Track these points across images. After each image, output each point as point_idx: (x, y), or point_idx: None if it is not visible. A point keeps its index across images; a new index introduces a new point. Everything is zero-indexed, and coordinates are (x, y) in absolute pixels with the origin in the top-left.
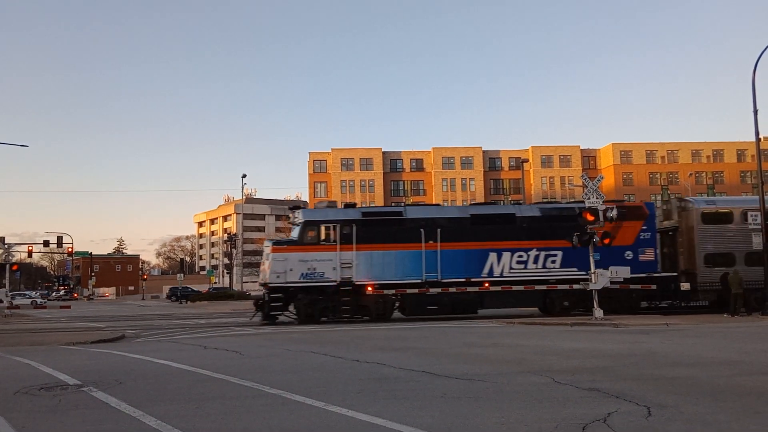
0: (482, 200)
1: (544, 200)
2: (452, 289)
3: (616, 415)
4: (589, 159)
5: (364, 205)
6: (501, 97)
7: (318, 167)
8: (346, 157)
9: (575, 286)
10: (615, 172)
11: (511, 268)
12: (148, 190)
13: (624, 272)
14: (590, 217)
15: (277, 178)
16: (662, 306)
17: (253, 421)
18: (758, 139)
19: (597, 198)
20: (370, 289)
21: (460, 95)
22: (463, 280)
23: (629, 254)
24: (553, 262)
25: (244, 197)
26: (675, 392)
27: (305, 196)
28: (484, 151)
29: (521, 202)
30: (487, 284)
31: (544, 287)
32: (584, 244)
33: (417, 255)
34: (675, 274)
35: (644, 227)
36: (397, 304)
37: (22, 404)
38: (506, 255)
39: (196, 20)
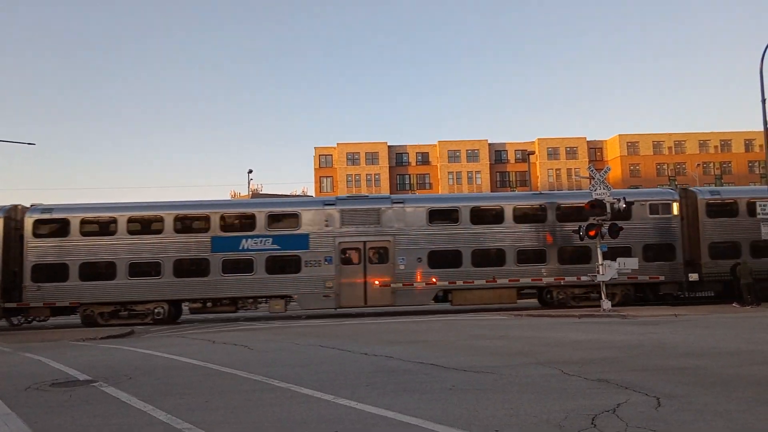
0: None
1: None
2: None
3: (625, 406)
4: (595, 150)
5: None
6: (507, 89)
7: (324, 162)
8: (352, 151)
9: (583, 278)
10: (622, 163)
11: None
12: (154, 186)
13: (632, 264)
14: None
15: (283, 173)
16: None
17: (263, 414)
18: (766, 129)
19: (604, 189)
20: None
21: (465, 88)
22: None
23: None
24: None
25: (251, 193)
26: (684, 383)
27: (311, 191)
28: (490, 144)
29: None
30: None
31: None
32: (591, 237)
33: None
34: None
35: None
36: None
37: (33, 400)
38: None
39: (197, 17)
